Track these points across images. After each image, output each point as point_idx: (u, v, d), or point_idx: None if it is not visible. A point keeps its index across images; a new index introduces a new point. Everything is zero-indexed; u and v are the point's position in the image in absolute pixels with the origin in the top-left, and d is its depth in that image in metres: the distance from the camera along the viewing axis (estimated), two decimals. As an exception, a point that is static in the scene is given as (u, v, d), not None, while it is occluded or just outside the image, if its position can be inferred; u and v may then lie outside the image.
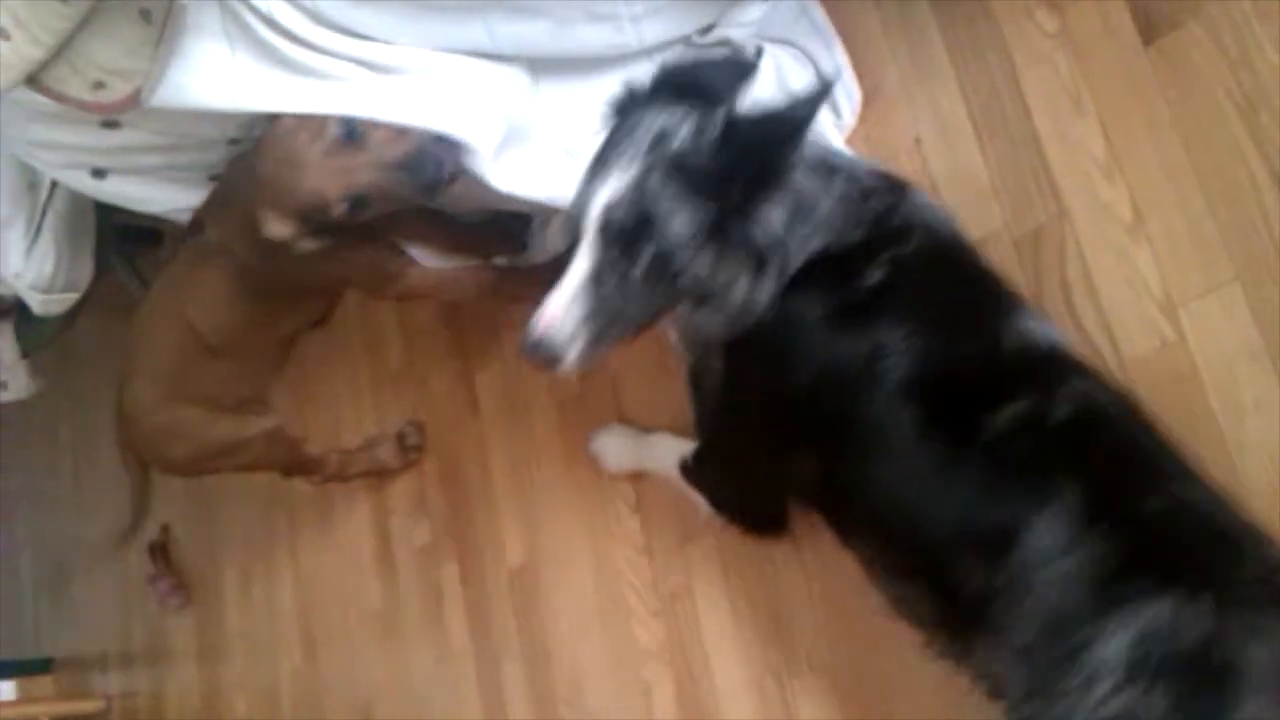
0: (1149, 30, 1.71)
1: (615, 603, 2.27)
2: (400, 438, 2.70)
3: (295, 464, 2.64)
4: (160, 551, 3.41)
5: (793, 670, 1.97)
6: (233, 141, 2.09)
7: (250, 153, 2.00)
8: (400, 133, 1.87)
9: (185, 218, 2.26)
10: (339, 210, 1.88)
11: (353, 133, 1.85)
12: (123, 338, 2.39)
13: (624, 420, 2.27)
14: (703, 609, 2.12)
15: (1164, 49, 1.70)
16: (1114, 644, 1.24)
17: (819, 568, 1.95)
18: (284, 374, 2.64)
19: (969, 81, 1.89)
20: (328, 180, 1.85)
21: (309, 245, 1.98)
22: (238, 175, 2.04)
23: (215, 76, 1.91)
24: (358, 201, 1.87)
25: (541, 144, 2.07)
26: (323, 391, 2.79)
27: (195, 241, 2.22)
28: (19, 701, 3.99)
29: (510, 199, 2.23)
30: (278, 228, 1.93)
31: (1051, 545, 1.32)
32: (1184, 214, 1.67)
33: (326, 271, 2.14)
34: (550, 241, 2.32)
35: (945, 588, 1.44)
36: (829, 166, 1.54)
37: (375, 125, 1.87)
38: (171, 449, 2.46)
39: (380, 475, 2.77)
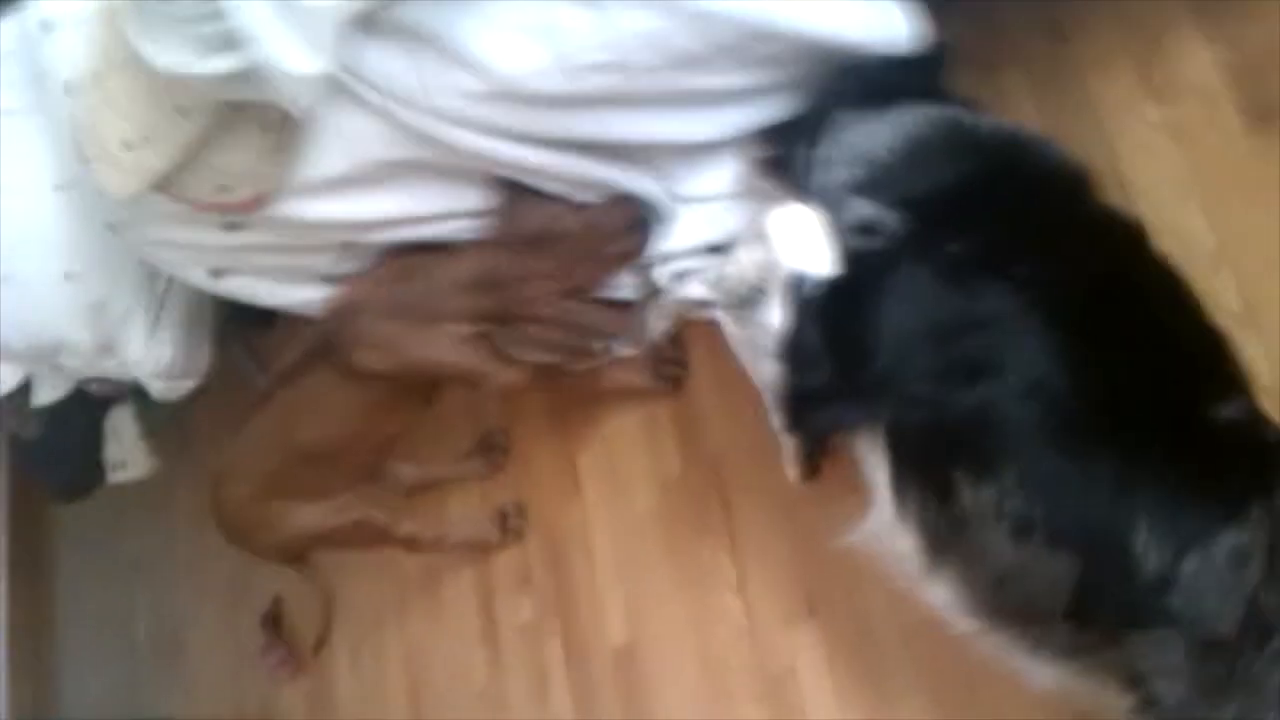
0: (1256, 119, 1.69)
1: (719, 684, 2.26)
2: (502, 516, 2.74)
3: (387, 544, 2.72)
4: (272, 623, 3.47)
5: (903, 762, 1.95)
6: (346, 246, 2.15)
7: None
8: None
9: (308, 310, 2.34)
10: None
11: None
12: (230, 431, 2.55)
13: (726, 505, 2.28)
14: (808, 694, 2.10)
15: (1271, 138, 1.68)
16: None
17: (928, 659, 1.94)
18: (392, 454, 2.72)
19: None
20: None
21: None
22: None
23: (337, 184, 1.99)
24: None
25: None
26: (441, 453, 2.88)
27: (326, 368, 2.32)
28: (136, 764, 4.08)
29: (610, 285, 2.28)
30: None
31: (1253, 541, 1.32)
32: (1294, 305, 1.65)
33: (431, 365, 2.23)
34: (651, 328, 2.35)
35: (1108, 566, 1.38)
36: None
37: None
38: (259, 539, 2.62)
39: (482, 549, 2.82)
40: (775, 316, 1.71)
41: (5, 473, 5.06)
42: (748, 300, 1.77)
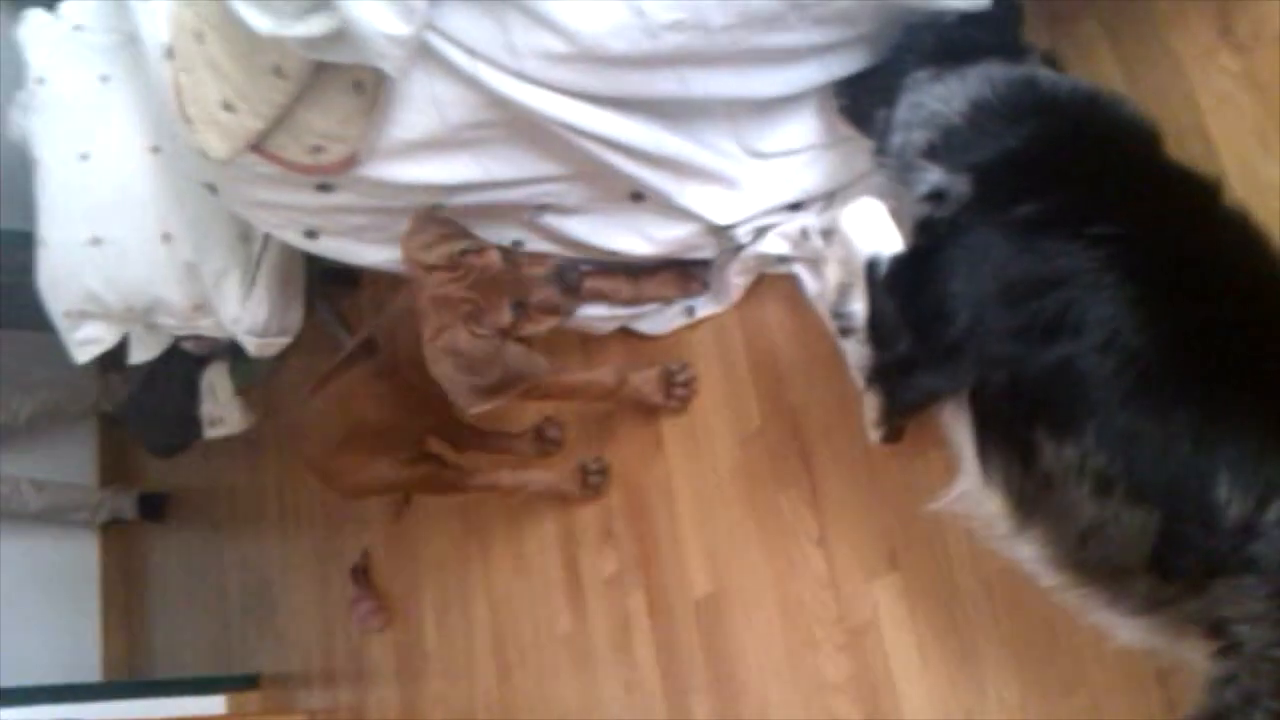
0: (1337, 69, 1.68)
1: (801, 636, 2.28)
2: (582, 469, 2.78)
3: (464, 491, 2.85)
4: (362, 575, 3.55)
5: (984, 711, 1.96)
6: (435, 208, 2.20)
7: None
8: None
9: (392, 267, 2.39)
10: (507, 317, 2.09)
11: (510, 255, 2.12)
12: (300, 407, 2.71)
13: (806, 458, 2.31)
14: (889, 646, 2.12)
15: (1352, 87, 1.66)
16: None
17: (1010, 612, 1.94)
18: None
19: (1154, 125, 1.88)
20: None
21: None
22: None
23: (425, 146, 2.03)
24: (519, 307, 2.10)
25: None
26: (512, 427, 2.91)
27: (368, 364, 2.49)
28: (229, 716, 4.17)
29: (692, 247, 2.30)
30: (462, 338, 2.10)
31: None
32: (1376, 249, 1.63)
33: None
34: (731, 284, 2.37)
35: (1189, 517, 1.39)
36: None
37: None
38: (338, 483, 2.78)
39: (563, 501, 2.87)
40: (861, 304, 1.76)
41: (97, 435, 5.23)
42: (843, 303, 1.82)
